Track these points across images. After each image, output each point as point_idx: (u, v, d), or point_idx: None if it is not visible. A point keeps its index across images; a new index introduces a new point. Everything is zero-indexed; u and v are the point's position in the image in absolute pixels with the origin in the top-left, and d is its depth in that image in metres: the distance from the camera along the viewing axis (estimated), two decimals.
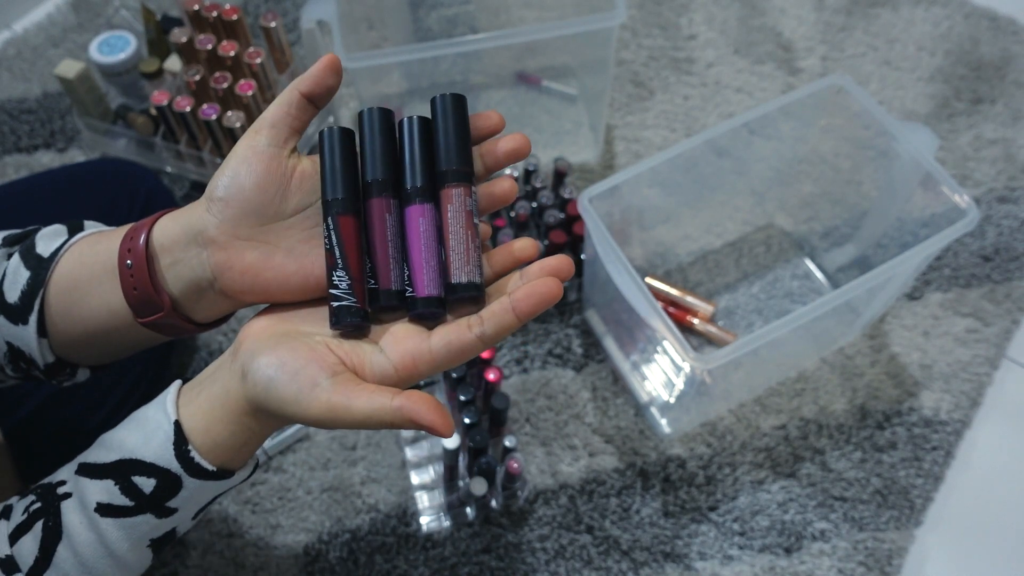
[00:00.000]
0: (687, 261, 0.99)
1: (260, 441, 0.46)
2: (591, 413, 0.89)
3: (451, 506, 0.82)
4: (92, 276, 0.46)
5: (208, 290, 0.44)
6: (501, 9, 1.17)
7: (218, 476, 0.45)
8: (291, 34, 1.19)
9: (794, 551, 0.81)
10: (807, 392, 0.90)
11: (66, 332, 0.48)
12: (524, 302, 0.40)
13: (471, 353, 0.41)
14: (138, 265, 0.44)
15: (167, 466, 0.44)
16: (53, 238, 0.49)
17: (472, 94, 1.13)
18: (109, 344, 0.49)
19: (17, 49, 1.18)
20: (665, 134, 1.10)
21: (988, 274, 0.97)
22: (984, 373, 0.91)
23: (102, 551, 0.45)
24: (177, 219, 0.45)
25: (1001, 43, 1.17)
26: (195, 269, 0.44)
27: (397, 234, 0.43)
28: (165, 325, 0.46)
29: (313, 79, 0.43)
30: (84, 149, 1.08)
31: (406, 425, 0.40)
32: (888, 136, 0.79)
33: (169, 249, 0.44)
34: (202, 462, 0.44)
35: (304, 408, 0.40)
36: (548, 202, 0.94)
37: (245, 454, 0.46)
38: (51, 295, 0.47)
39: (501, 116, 0.44)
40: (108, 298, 0.46)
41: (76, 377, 0.52)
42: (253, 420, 0.43)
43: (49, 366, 0.49)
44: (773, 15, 1.21)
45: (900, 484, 0.84)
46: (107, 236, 0.48)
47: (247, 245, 0.43)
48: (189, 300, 0.45)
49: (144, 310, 0.45)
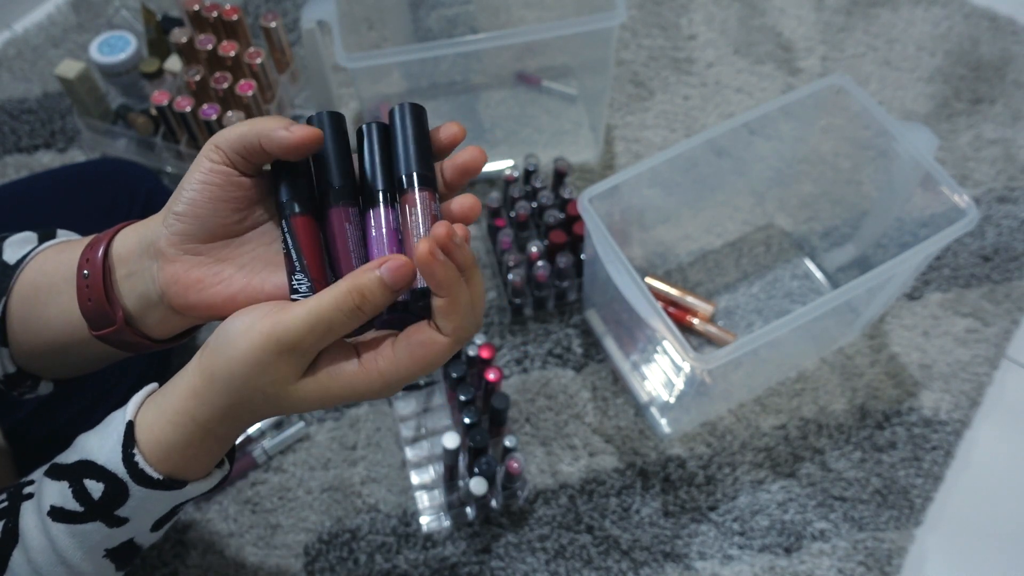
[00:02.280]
0: (687, 261, 0.99)
1: (215, 446, 0.43)
2: (591, 413, 0.89)
3: (451, 506, 0.82)
4: (51, 285, 0.45)
5: (158, 304, 0.43)
6: (501, 9, 1.17)
7: (165, 486, 0.42)
8: (291, 34, 1.19)
9: (794, 551, 0.81)
10: (807, 392, 0.90)
11: (27, 342, 0.46)
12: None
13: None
14: (94, 275, 0.43)
15: (114, 470, 0.41)
16: (22, 245, 0.47)
17: (472, 94, 1.13)
18: (69, 357, 0.47)
19: (17, 49, 1.18)
20: (665, 134, 1.10)
21: (988, 274, 0.97)
22: (984, 373, 0.91)
23: (55, 558, 0.43)
24: (137, 229, 0.44)
25: (1001, 43, 1.17)
26: (146, 283, 0.43)
27: (359, 240, 0.42)
28: (119, 340, 0.44)
29: (276, 148, 0.39)
30: (84, 149, 1.08)
31: (374, 297, 0.38)
32: (888, 136, 0.79)
33: (126, 260, 0.43)
34: (147, 468, 0.41)
35: (252, 337, 0.38)
36: (548, 202, 0.94)
37: (199, 463, 0.43)
38: (12, 303, 0.46)
39: (461, 126, 0.43)
40: (65, 308, 0.44)
41: (38, 389, 0.50)
42: (204, 409, 0.40)
43: (9, 376, 0.48)
44: (773, 15, 1.21)
45: (900, 484, 0.84)
46: (72, 245, 0.46)
47: (196, 260, 0.42)
48: (141, 314, 0.44)
49: (98, 322, 0.43)
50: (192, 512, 0.83)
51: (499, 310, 0.95)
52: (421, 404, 0.89)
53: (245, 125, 0.40)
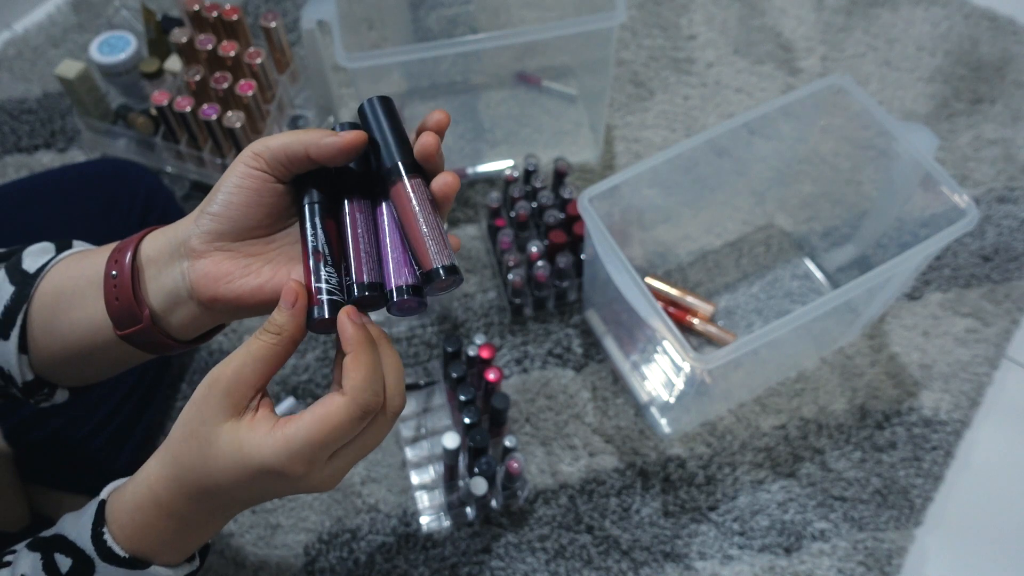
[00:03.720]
0: (687, 261, 0.99)
1: (184, 531, 0.43)
2: (591, 413, 0.89)
3: (451, 506, 0.82)
4: (76, 289, 0.46)
5: (186, 301, 0.44)
6: (501, 9, 1.17)
7: (130, 564, 0.42)
8: (291, 34, 1.19)
9: (794, 551, 0.81)
10: (807, 392, 0.90)
11: (47, 348, 0.47)
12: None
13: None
14: (122, 276, 0.44)
15: (83, 547, 0.43)
16: (40, 255, 0.49)
17: (472, 94, 1.13)
18: (90, 361, 0.48)
19: (17, 49, 1.18)
20: (665, 134, 1.10)
21: (988, 274, 0.97)
22: (984, 373, 0.91)
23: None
24: (166, 232, 0.45)
25: (1001, 43, 1.17)
26: (176, 280, 0.44)
27: (370, 229, 0.43)
28: (144, 340, 0.45)
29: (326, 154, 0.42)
30: (84, 149, 1.08)
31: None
32: (888, 136, 0.79)
33: (155, 261, 0.45)
34: (114, 546, 0.42)
35: (201, 390, 0.41)
36: (548, 202, 0.94)
37: (168, 546, 0.43)
38: (34, 310, 0.47)
39: (446, 113, 0.44)
40: (91, 311, 0.45)
41: (54, 398, 0.51)
42: (165, 489, 0.42)
43: (27, 384, 0.48)
44: (773, 15, 1.21)
45: (900, 484, 0.84)
46: (95, 252, 0.48)
47: (225, 255, 0.43)
48: (167, 312, 0.45)
49: (124, 322, 0.44)
50: None
51: (499, 310, 0.95)
52: (421, 404, 0.88)
53: (287, 136, 0.42)
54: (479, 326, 0.94)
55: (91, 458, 0.77)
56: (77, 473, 0.77)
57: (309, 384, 0.90)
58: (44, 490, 0.76)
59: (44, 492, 0.75)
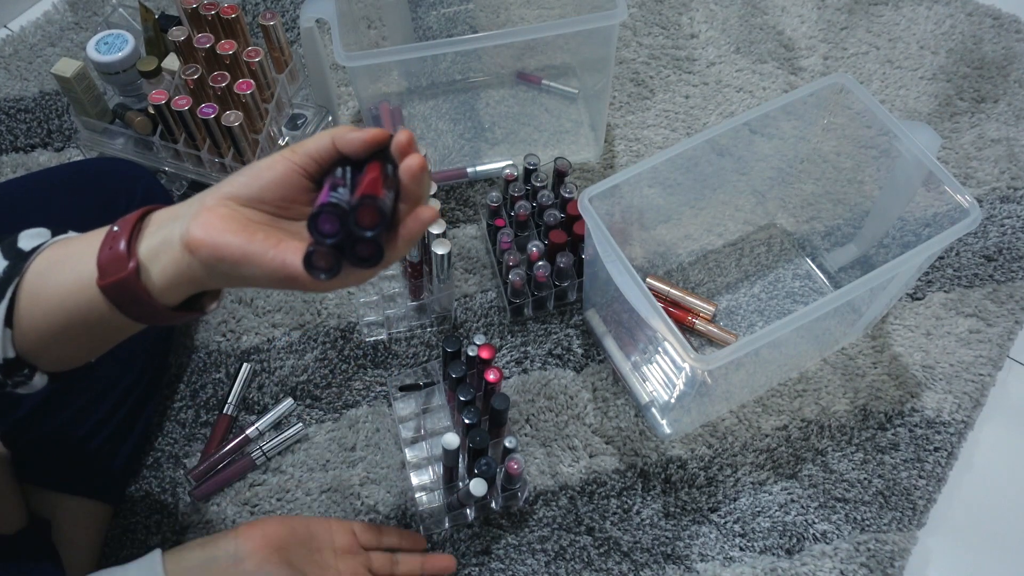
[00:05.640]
0: (688, 261, 0.99)
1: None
2: (591, 414, 0.88)
3: (451, 507, 0.81)
4: (71, 254, 0.48)
5: (173, 245, 0.46)
6: (501, 8, 1.16)
7: None
8: (290, 33, 1.18)
9: (795, 552, 0.81)
10: (808, 393, 0.90)
11: (30, 319, 0.48)
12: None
13: None
14: (124, 227, 0.47)
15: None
16: (36, 237, 0.50)
17: (472, 93, 1.12)
18: (70, 332, 0.48)
19: (14, 48, 1.18)
20: (666, 133, 1.10)
21: (991, 274, 0.97)
22: (987, 374, 0.90)
23: None
24: (190, 200, 0.48)
25: (1004, 42, 1.17)
26: (172, 232, 0.46)
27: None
28: (123, 294, 0.46)
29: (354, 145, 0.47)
30: (81, 148, 1.07)
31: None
32: (890, 135, 0.79)
33: (160, 219, 0.47)
34: None
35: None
36: (548, 202, 0.93)
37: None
38: (25, 282, 0.48)
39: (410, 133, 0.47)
40: (80, 269, 0.47)
41: (32, 381, 0.51)
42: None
43: (8, 362, 0.49)
44: (774, 14, 1.21)
45: (902, 485, 0.84)
46: (100, 229, 0.49)
47: (231, 211, 0.46)
48: (151, 260, 0.46)
49: (108, 269, 0.46)
50: (190, 515, 0.82)
51: (499, 310, 0.95)
52: (421, 405, 0.88)
53: (318, 135, 0.48)
54: (479, 326, 0.94)
55: (88, 459, 0.77)
56: (74, 474, 0.77)
57: (308, 384, 0.90)
58: (41, 491, 0.75)
59: (41, 493, 0.75)
